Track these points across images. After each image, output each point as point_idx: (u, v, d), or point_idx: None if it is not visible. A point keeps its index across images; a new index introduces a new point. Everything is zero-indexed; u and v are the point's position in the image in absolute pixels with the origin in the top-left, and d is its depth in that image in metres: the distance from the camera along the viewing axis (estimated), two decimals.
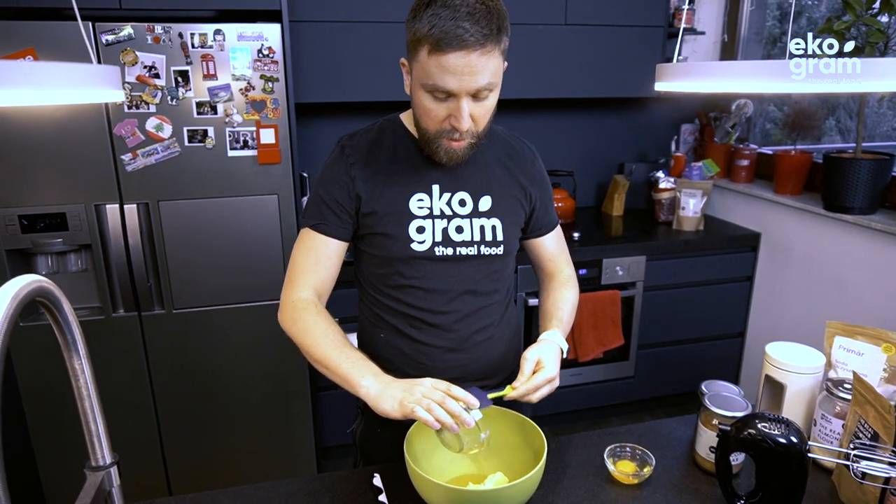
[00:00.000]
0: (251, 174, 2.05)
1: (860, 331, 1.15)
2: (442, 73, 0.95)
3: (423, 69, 0.98)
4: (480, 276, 1.15)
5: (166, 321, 2.10)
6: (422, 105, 1.02)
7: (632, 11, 2.63)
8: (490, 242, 1.14)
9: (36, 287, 0.55)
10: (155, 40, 1.87)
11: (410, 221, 1.11)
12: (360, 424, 1.27)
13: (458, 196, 1.14)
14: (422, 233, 1.11)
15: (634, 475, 1.08)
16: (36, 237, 1.93)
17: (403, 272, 1.13)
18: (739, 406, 1.09)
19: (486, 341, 1.19)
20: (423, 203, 1.12)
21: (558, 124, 3.04)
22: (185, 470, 2.27)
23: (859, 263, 2.31)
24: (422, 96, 1.01)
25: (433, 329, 1.15)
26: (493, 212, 1.15)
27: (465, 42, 0.92)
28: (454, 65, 0.94)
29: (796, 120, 2.67)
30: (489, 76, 0.97)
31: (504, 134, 1.24)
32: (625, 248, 2.60)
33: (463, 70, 0.94)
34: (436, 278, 1.13)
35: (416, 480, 0.96)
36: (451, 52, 0.93)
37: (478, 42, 0.92)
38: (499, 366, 1.23)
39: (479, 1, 0.94)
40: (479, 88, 0.97)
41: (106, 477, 0.70)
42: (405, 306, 1.15)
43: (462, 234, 1.13)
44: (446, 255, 1.12)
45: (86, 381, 0.67)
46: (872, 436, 0.96)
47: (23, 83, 0.48)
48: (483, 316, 1.18)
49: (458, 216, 1.13)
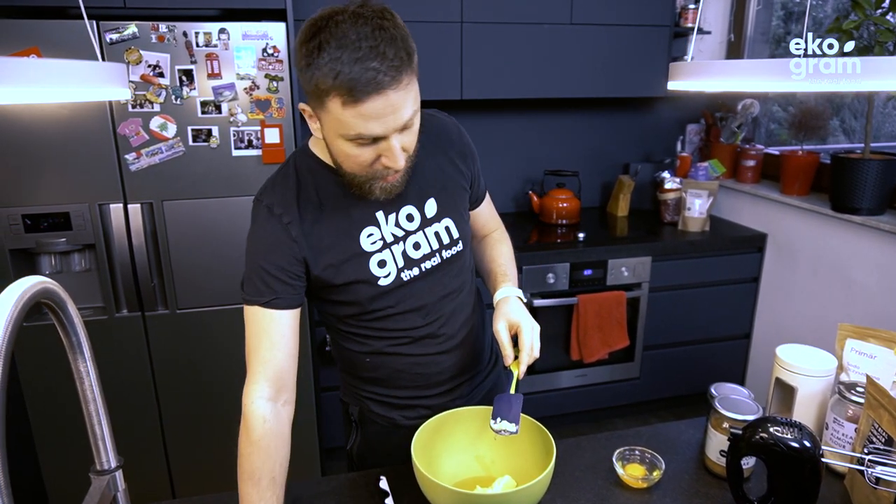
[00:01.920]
0: (256, 174, 2.04)
1: (873, 333, 1.14)
2: (364, 122, 0.85)
3: (338, 121, 0.87)
4: (448, 277, 1.12)
5: (170, 321, 2.09)
6: (344, 153, 0.92)
7: (638, 11, 2.61)
8: (448, 244, 1.10)
9: (41, 289, 0.54)
10: (159, 39, 1.86)
11: (369, 260, 1.04)
12: (357, 440, 1.24)
13: (404, 211, 1.07)
14: (383, 266, 1.05)
15: (644, 479, 1.07)
16: (39, 237, 1.92)
17: (376, 307, 1.07)
18: (750, 409, 1.08)
19: (470, 332, 1.18)
20: (373, 236, 1.04)
21: (563, 124, 3.03)
22: (189, 470, 2.26)
23: (867, 265, 2.30)
24: (343, 145, 0.91)
25: (421, 340, 1.12)
26: (441, 213, 1.10)
27: (380, 84, 0.82)
28: (375, 110, 0.84)
29: (803, 120, 2.65)
30: (412, 105, 0.89)
31: (430, 120, 1.12)
32: (630, 249, 2.58)
33: (385, 112, 0.85)
34: (410, 299, 1.09)
35: (423, 484, 0.95)
36: (368, 98, 0.83)
37: (393, 79, 0.83)
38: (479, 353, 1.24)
39: (377, 27, 0.83)
40: (406, 122, 0.89)
41: (111, 481, 0.69)
42: (386, 331, 1.11)
43: (420, 249, 1.08)
44: (413, 276, 1.08)
45: (91, 383, 0.66)
46: (886, 440, 0.95)
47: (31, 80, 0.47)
48: (461, 309, 1.16)
49: (410, 232, 1.07)
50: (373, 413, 1.19)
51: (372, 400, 1.19)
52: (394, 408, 1.17)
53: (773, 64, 0.89)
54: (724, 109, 3.01)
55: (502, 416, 1.01)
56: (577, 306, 2.54)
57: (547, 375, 2.68)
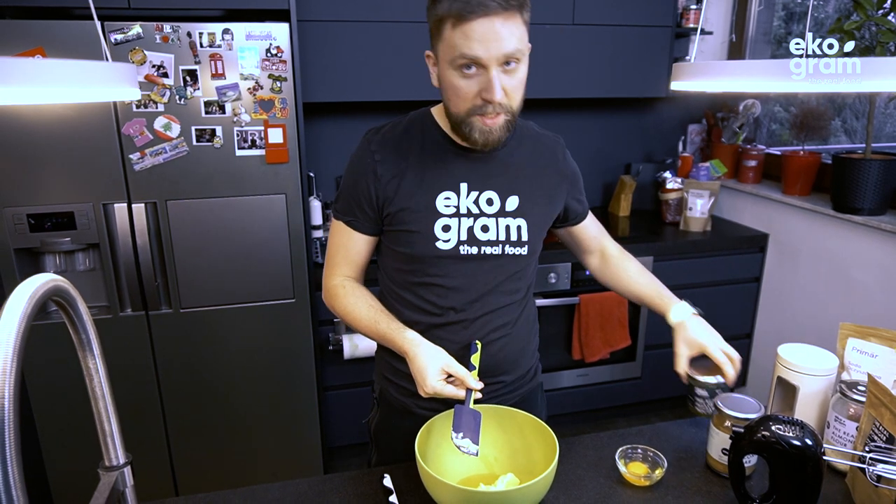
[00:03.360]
0: (259, 174, 2.05)
1: (874, 332, 1.15)
2: (468, 42, 0.94)
3: (448, 46, 0.97)
4: (503, 275, 1.15)
5: (174, 320, 2.10)
6: (452, 86, 1.00)
7: (639, 11, 2.62)
8: (515, 242, 1.13)
9: (52, 286, 0.55)
10: (163, 39, 1.87)
11: (437, 220, 1.10)
12: (376, 415, 1.28)
13: (486, 195, 1.13)
14: (447, 231, 1.10)
15: (646, 477, 1.08)
16: (44, 236, 1.93)
17: (427, 270, 1.12)
18: (752, 408, 1.08)
19: (502, 338, 1.18)
20: (449, 202, 1.11)
21: (565, 124, 3.04)
22: (192, 469, 2.27)
23: (868, 265, 2.30)
24: (451, 76, 1.00)
25: (452, 325, 1.14)
26: (519, 212, 1.14)
27: (487, 7, 0.92)
28: (479, 31, 0.93)
29: (804, 120, 2.65)
30: (516, 42, 0.96)
31: (533, 130, 1.23)
32: (632, 249, 2.53)
33: (489, 36, 0.93)
34: (459, 277, 1.12)
35: (427, 481, 0.96)
36: (475, 18, 0.92)
37: (500, 6, 0.93)
38: (513, 363, 1.22)
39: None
40: (507, 55, 0.96)
41: (119, 477, 0.69)
42: (426, 303, 1.15)
43: (487, 233, 1.12)
44: (471, 253, 1.11)
45: (100, 380, 0.67)
46: (888, 438, 0.95)
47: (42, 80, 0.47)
48: (502, 314, 1.17)
49: (485, 215, 1.12)
50: (391, 396, 1.24)
51: (391, 383, 1.23)
52: (409, 394, 1.19)
53: (774, 65, 0.89)
54: (726, 110, 3.02)
55: (465, 434, 1.01)
56: (578, 306, 2.55)
57: (548, 375, 2.69)
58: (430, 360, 1.05)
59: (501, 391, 1.22)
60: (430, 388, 1.03)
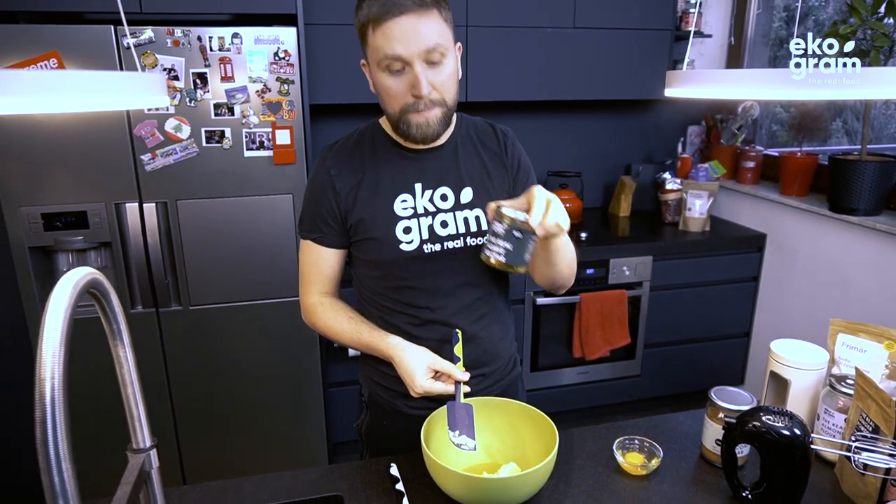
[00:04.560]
0: (267, 174, 2.10)
1: (863, 328, 1.19)
2: (389, 42, 0.99)
3: (373, 49, 1.02)
4: (471, 267, 1.17)
5: (183, 317, 2.15)
6: (383, 87, 1.05)
7: (639, 15, 2.66)
8: (475, 233, 1.16)
9: (91, 279, 0.60)
10: (174, 43, 1.92)
11: (397, 223, 1.13)
12: (366, 418, 1.31)
13: (440, 191, 1.16)
14: (408, 233, 1.13)
15: (643, 466, 1.12)
16: (58, 235, 1.98)
17: (396, 273, 1.15)
18: (745, 400, 1.12)
19: (482, 331, 1.21)
20: (406, 203, 1.14)
21: (567, 126, 3.08)
22: (199, 462, 2.31)
23: (864, 264, 2.34)
24: (381, 78, 1.04)
25: (432, 324, 1.17)
26: (474, 203, 1.17)
27: (402, 7, 0.97)
28: (397, 30, 0.98)
29: (802, 122, 2.69)
30: (435, 37, 1.00)
31: (480, 124, 1.25)
32: (632, 249, 2.63)
33: (408, 34, 0.98)
34: (429, 276, 1.15)
35: (432, 469, 1.00)
36: (392, 18, 0.97)
37: (415, 4, 0.97)
38: (493, 354, 1.25)
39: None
40: (428, 49, 1.00)
41: (146, 459, 0.74)
42: (402, 305, 1.18)
43: (447, 228, 1.15)
44: (434, 251, 1.14)
45: (129, 368, 0.72)
46: (874, 429, 0.99)
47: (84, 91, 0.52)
48: (477, 307, 1.20)
49: (442, 211, 1.15)
50: (380, 398, 1.26)
51: (379, 385, 1.25)
52: (398, 395, 1.22)
53: (766, 73, 0.93)
54: (725, 112, 3.06)
55: (461, 431, 1.05)
56: (579, 305, 2.59)
57: (549, 372, 2.73)
58: (416, 360, 1.09)
59: (483, 384, 1.24)
60: (419, 388, 1.07)
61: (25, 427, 2.28)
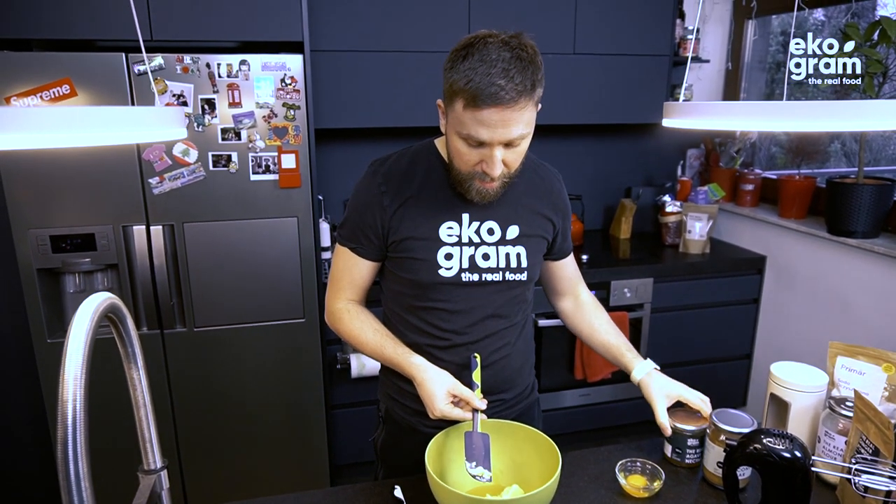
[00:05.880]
0: (272, 197, 2.13)
1: (862, 351, 1.20)
2: (476, 126, 0.99)
3: (457, 119, 1.02)
4: (503, 300, 1.21)
5: (188, 338, 2.16)
6: (455, 149, 1.07)
7: (638, 41, 2.72)
8: (515, 269, 1.19)
9: (110, 303, 0.62)
10: (184, 70, 1.96)
11: (440, 248, 1.15)
12: (382, 433, 1.33)
13: (487, 225, 1.18)
14: (450, 259, 1.16)
15: (645, 489, 1.13)
16: (65, 257, 2.01)
17: (430, 295, 1.18)
18: (746, 423, 1.14)
19: (502, 359, 1.24)
20: (452, 231, 1.16)
21: (567, 149, 3.12)
22: (202, 484, 2.31)
23: (862, 286, 2.36)
24: (456, 141, 1.05)
25: (455, 348, 1.20)
26: (519, 240, 1.20)
27: (499, 99, 0.96)
28: (488, 119, 0.98)
29: (800, 145, 2.73)
30: (522, 128, 1.01)
31: (534, 163, 1.27)
32: (632, 271, 2.65)
33: (496, 124, 0.98)
34: (461, 302, 1.18)
35: (436, 491, 1.01)
36: (485, 108, 0.97)
37: (512, 99, 0.96)
38: (512, 382, 1.28)
39: (516, 56, 0.97)
40: (512, 139, 1.01)
41: (157, 480, 0.75)
42: (429, 325, 1.20)
43: (488, 261, 1.18)
44: (472, 280, 1.17)
45: (142, 391, 0.74)
46: (874, 451, 1.00)
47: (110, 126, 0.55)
48: (503, 336, 1.23)
49: (486, 244, 1.17)
50: (396, 414, 1.29)
51: (396, 402, 1.28)
52: (414, 412, 1.24)
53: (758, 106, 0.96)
54: (723, 135, 3.10)
55: (478, 462, 1.07)
56: None
57: (551, 394, 2.73)
58: (438, 384, 1.11)
59: (501, 408, 1.27)
60: (438, 412, 1.09)
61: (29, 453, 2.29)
